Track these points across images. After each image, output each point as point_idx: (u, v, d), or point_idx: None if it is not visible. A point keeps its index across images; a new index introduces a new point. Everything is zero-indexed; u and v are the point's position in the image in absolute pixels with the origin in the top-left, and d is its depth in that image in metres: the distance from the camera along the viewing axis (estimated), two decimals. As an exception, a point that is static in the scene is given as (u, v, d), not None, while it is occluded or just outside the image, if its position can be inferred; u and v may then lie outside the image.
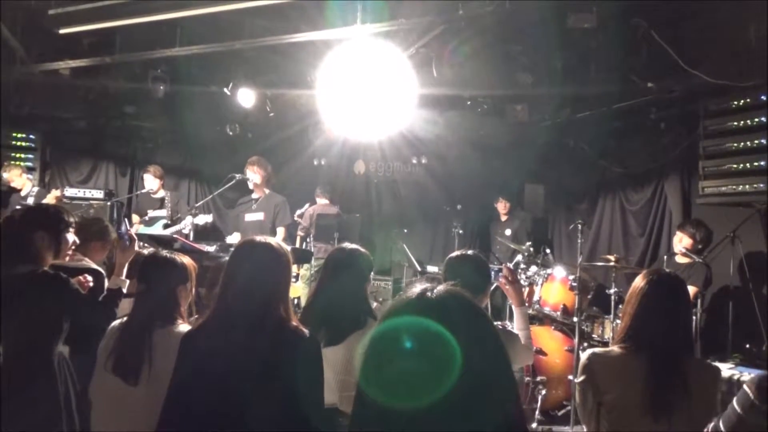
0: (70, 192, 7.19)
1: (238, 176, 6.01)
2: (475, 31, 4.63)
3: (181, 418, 1.93)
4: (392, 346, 0.95)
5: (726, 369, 3.80)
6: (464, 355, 0.93)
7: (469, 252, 2.72)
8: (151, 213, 6.81)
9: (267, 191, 6.32)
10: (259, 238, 2.13)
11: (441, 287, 0.99)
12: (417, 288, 1.00)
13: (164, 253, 2.63)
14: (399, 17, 4.47)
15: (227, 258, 2.19)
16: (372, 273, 2.92)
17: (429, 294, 0.98)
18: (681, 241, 4.96)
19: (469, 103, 6.16)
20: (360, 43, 4.59)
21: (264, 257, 2.04)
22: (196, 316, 2.56)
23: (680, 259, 5.01)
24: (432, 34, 4.70)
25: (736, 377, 3.68)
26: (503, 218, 7.29)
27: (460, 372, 0.92)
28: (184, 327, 2.40)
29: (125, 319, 2.51)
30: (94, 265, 3.30)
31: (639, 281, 2.27)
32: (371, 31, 4.47)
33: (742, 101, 4.78)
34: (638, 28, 4.54)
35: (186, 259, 2.60)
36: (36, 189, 6.91)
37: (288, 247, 2.18)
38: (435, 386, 0.91)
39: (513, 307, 2.85)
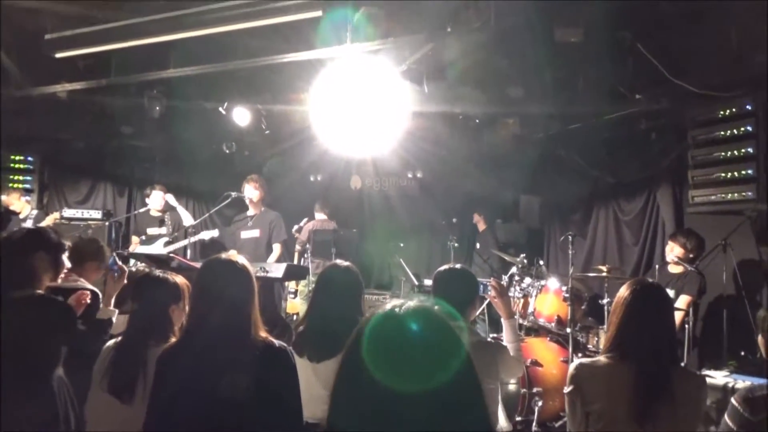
0: (68, 213, 7.23)
1: (234, 194, 6.03)
2: (464, 48, 4.69)
3: None
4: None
5: (721, 377, 3.80)
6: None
7: (457, 266, 2.76)
8: (150, 231, 6.85)
9: (262, 208, 6.37)
10: (223, 256, 2.20)
11: (410, 303, 1.02)
12: (387, 305, 1.03)
13: (157, 272, 2.66)
14: (389, 36, 4.53)
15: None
16: (364, 287, 2.96)
17: (397, 310, 1.01)
18: (672, 251, 4.98)
19: (461, 117, 6.22)
20: (352, 61, 4.67)
21: (227, 274, 2.10)
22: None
23: (673, 269, 5.03)
24: (422, 52, 4.76)
25: (731, 385, 3.68)
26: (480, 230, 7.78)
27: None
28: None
29: (120, 338, 2.55)
30: (89, 286, 3.34)
31: (623, 291, 2.31)
32: (362, 49, 4.53)
33: (729, 111, 4.82)
34: (624, 40, 4.60)
35: (179, 278, 2.63)
36: (35, 212, 6.96)
37: (283, 264, 2.22)
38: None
39: (502, 319, 2.89)
